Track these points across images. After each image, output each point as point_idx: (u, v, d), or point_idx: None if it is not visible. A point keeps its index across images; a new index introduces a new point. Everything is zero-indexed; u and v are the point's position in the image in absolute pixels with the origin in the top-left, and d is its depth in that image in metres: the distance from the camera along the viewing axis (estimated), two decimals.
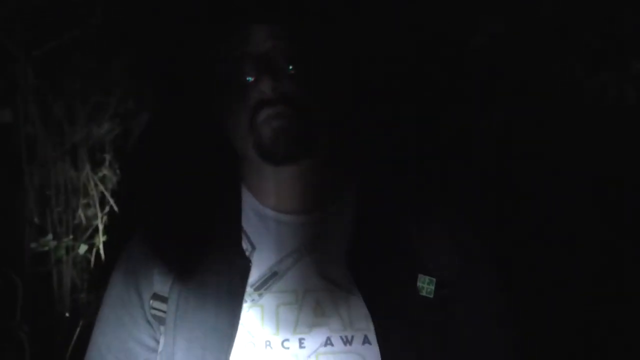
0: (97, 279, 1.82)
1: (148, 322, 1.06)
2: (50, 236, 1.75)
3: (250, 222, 1.05)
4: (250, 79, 0.97)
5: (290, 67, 0.97)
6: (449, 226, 1.05)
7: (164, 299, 1.04)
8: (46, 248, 1.74)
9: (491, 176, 1.62)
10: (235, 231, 1.04)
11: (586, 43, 1.59)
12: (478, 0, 1.56)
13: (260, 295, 1.00)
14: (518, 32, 1.61)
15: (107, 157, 1.73)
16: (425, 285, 1.00)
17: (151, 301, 1.05)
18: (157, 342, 1.06)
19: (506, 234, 1.50)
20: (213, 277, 1.01)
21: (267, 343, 0.98)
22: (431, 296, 1.00)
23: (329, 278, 1.01)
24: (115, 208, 1.76)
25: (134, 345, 1.07)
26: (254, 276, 1.01)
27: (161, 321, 1.04)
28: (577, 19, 1.57)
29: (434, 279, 1.00)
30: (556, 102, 1.67)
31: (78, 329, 1.76)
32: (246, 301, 1.00)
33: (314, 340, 0.98)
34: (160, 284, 1.05)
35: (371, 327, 0.97)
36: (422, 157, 1.51)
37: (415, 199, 1.08)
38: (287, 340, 0.98)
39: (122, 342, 1.08)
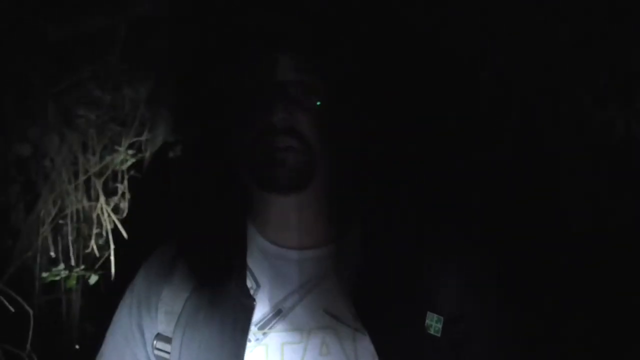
0: (107, 310, 1.81)
1: None
2: (62, 265, 1.76)
3: (254, 258, 1.04)
4: (263, 105, 0.97)
5: (306, 101, 0.97)
6: (459, 264, 1.03)
7: (167, 340, 1.03)
8: (57, 278, 1.75)
9: (501, 212, 1.62)
10: (240, 269, 1.03)
11: (595, 77, 1.60)
12: (484, 34, 1.59)
13: (264, 334, 0.99)
14: (526, 66, 1.63)
15: (121, 187, 1.75)
16: (433, 324, 0.98)
17: (155, 341, 1.04)
18: None
19: (519, 273, 1.49)
20: (218, 316, 1.00)
21: None
22: (439, 335, 0.97)
23: (334, 315, 0.99)
24: (127, 238, 1.77)
25: None
26: (258, 315, 1.00)
27: None
28: (587, 53, 1.59)
29: (442, 317, 0.98)
30: (565, 137, 1.68)
31: None
32: (250, 340, 0.98)
33: None
34: (165, 323, 1.04)
35: None
36: (431, 193, 1.51)
37: (424, 235, 1.06)
38: None
39: None
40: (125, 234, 1.77)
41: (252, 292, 1.01)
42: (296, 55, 0.98)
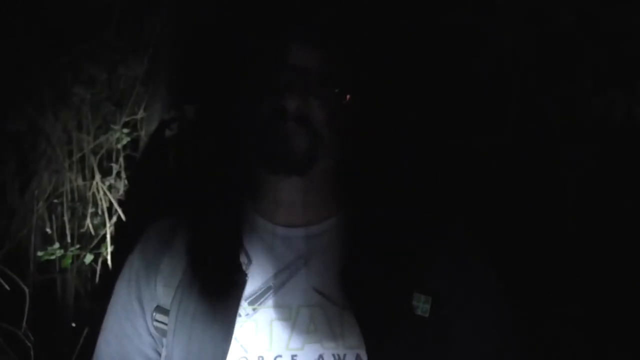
0: (102, 289, 1.82)
1: (150, 334, 1.07)
2: (57, 245, 1.76)
3: (248, 234, 1.06)
4: (276, 88, 0.97)
5: (321, 90, 0.98)
6: (450, 244, 1.05)
7: (166, 312, 1.05)
8: (52, 257, 1.75)
9: (497, 195, 1.61)
10: (234, 244, 1.05)
11: (595, 60, 1.59)
12: (485, 17, 1.57)
13: (254, 309, 1.01)
14: (527, 49, 1.61)
15: (116, 166, 1.74)
16: (421, 304, 0.98)
17: (154, 313, 1.06)
18: (159, 354, 1.07)
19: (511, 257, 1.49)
20: (210, 289, 1.02)
21: (260, 358, 0.99)
22: (426, 315, 0.98)
23: (323, 293, 1.01)
24: (123, 217, 1.76)
25: (136, 356, 1.08)
26: (249, 290, 1.02)
27: (163, 333, 1.05)
28: (588, 36, 1.57)
29: (430, 298, 0.99)
30: (564, 120, 1.66)
31: (82, 339, 1.76)
32: (240, 315, 1.00)
33: (306, 358, 0.98)
34: (163, 296, 1.06)
35: (363, 346, 0.96)
36: (426, 174, 1.50)
37: (415, 216, 1.07)
38: (279, 356, 0.98)
39: (125, 353, 1.08)
40: (121, 213, 1.76)
41: (244, 267, 1.02)
42: (315, 43, 0.99)
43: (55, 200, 1.75)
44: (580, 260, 1.52)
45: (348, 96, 1.02)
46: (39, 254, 1.76)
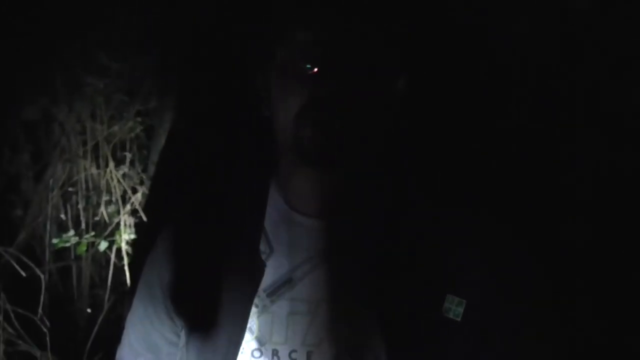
0: (117, 276, 1.84)
1: (171, 318, 1.06)
2: (71, 232, 1.77)
3: (272, 222, 1.02)
4: (310, 67, 0.91)
5: (356, 69, 0.90)
6: (486, 247, 0.98)
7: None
8: (67, 244, 1.77)
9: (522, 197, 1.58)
10: (255, 231, 1.00)
11: (612, 44, 1.56)
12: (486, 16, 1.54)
13: (272, 301, 0.97)
14: (544, 33, 1.59)
15: (129, 155, 1.75)
16: (454, 307, 0.93)
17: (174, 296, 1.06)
18: (179, 337, 1.07)
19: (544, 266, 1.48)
20: (228, 276, 0.99)
21: (275, 352, 0.96)
22: (459, 319, 0.92)
23: (345, 289, 0.95)
24: (137, 206, 1.78)
25: (158, 339, 1.08)
26: (267, 281, 0.98)
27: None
28: (606, 20, 1.55)
29: (464, 301, 0.93)
30: (582, 104, 1.64)
31: (97, 326, 1.79)
32: (257, 306, 0.97)
33: (321, 355, 0.94)
34: (183, 280, 1.05)
35: (384, 347, 0.91)
36: (461, 172, 1.47)
37: (451, 215, 1.01)
38: (294, 351, 0.95)
39: (148, 335, 1.09)
40: (135, 202, 1.77)
41: (264, 256, 0.99)
42: (356, 27, 0.92)
43: (70, 189, 1.77)
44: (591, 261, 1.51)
45: (392, 84, 0.96)
46: (54, 241, 1.78)
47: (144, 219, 1.80)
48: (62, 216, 1.79)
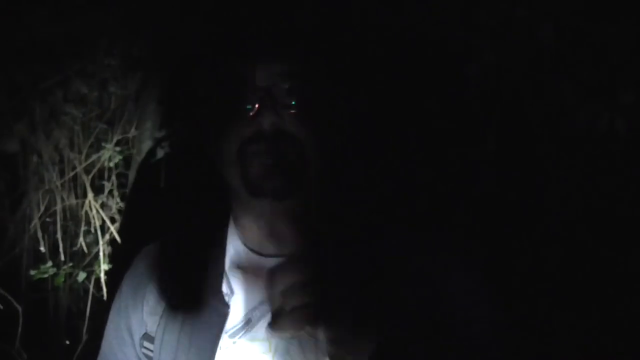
0: (95, 307, 1.82)
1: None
2: (49, 263, 1.76)
3: (231, 263, 1.03)
4: (249, 108, 0.94)
5: (293, 103, 0.94)
6: (429, 260, 0.99)
7: (152, 339, 1.03)
8: (45, 275, 1.75)
9: (487, 211, 1.62)
10: (217, 274, 1.02)
11: (578, 72, 1.62)
12: (471, 30, 1.60)
13: (234, 343, 0.99)
14: (511, 62, 1.64)
15: (108, 184, 1.75)
16: (396, 328, 0.92)
17: (142, 341, 1.05)
18: None
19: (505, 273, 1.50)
20: (193, 319, 1.00)
21: None
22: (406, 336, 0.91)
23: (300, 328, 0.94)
24: (116, 235, 1.77)
25: None
26: (229, 323, 0.99)
27: None
28: (571, 49, 1.60)
29: (407, 319, 0.94)
30: (549, 131, 1.69)
31: (75, 357, 1.76)
32: (220, 348, 0.98)
33: None
34: (150, 324, 1.04)
35: None
36: (415, 192, 1.50)
37: (394, 235, 1.02)
38: None
39: None
40: (114, 231, 1.77)
41: (227, 298, 1.00)
42: (278, 62, 0.95)
43: (48, 219, 1.75)
44: (566, 263, 1.55)
45: (327, 108, 0.98)
46: (32, 272, 1.75)
47: (122, 248, 1.79)
48: (42, 248, 1.77)
